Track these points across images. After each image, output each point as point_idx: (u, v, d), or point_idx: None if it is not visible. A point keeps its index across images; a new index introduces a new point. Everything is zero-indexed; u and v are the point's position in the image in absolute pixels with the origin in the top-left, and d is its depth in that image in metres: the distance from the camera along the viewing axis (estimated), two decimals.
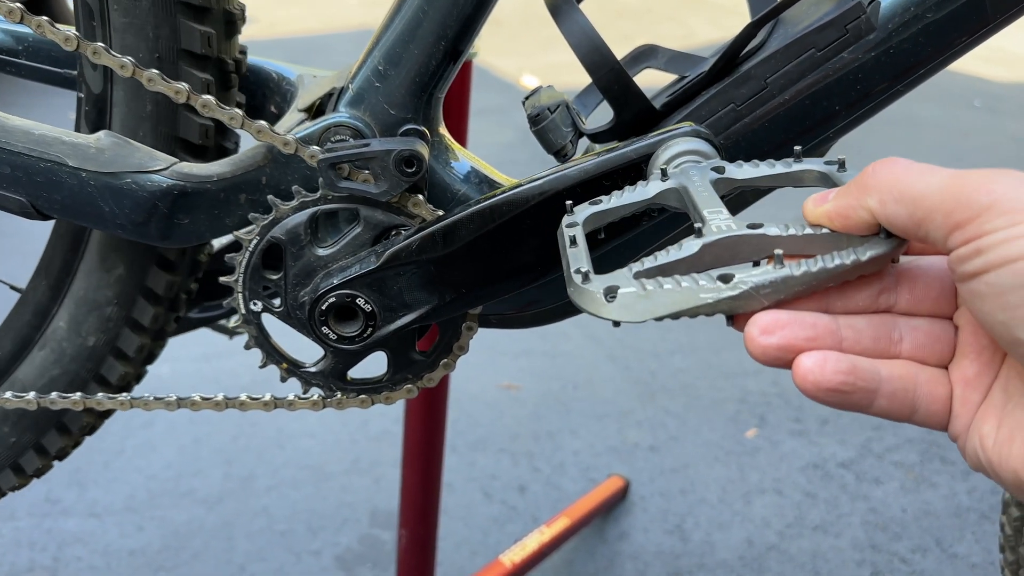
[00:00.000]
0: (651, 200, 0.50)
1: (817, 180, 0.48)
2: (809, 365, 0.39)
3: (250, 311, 0.61)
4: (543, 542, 1.45)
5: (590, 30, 0.56)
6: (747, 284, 0.40)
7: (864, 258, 0.40)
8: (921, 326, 0.43)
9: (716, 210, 0.45)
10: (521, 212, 0.55)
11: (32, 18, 0.55)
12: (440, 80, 0.60)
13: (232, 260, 0.60)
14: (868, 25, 0.54)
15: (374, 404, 0.66)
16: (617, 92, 0.57)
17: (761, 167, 0.49)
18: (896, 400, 0.41)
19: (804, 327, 0.40)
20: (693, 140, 0.53)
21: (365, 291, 0.58)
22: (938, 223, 0.37)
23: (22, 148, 0.58)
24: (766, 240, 0.42)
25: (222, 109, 0.57)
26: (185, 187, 0.59)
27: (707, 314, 0.41)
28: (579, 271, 0.44)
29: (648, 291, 0.41)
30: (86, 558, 1.46)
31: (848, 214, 0.41)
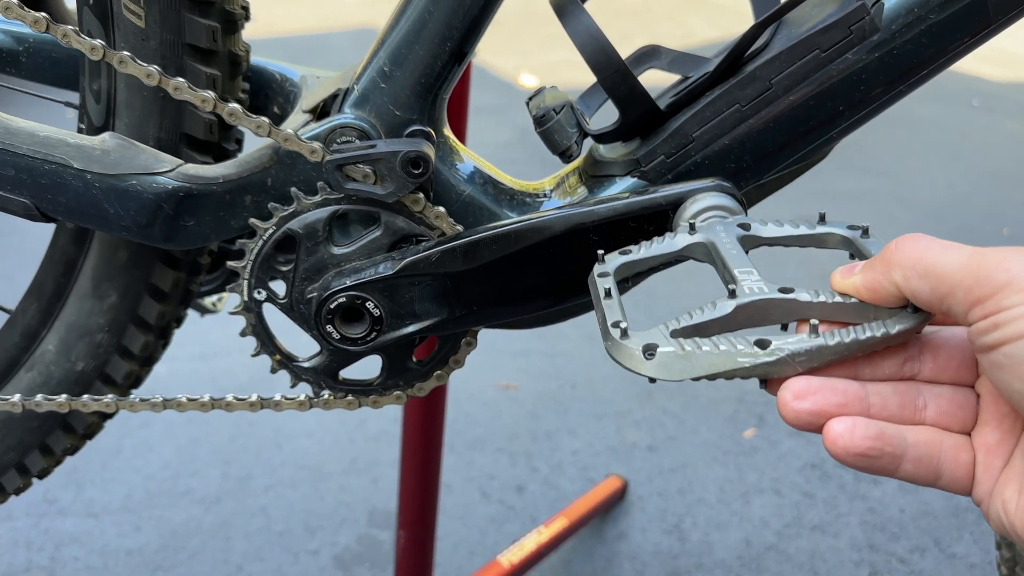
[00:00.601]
0: (679, 253, 0.52)
1: (840, 244, 0.50)
2: (839, 430, 0.42)
3: (253, 299, 0.61)
4: (541, 542, 1.45)
5: (595, 30, 0.56)
6: (783, 351, 0.42)
7: (893, 331, 0.42)
8: (944, 394, 0.45)
9: (747, 270, 0.46)
10: (545, 240, 0.56)
11: (58, 27, 0.55)
12: (445, 81, 0.60)
13: (244, 246, 0.60)
14: (872, 26, 0.55)
15: (361, 407, 0.66)
16: (622, 93, 0.57)
17: (785, 227, 0.51)
18: (921, 465, 0.43)
19: (835, 393, 0.42)
20: (720, 196, 0.55)
21: (376, 295, 0.58)
22: (959, 299, 0.40)
23: (26, 150, 0.58)
24: (797, 305, 0.44)
25: (248, 117, 0.56)
26: (190, 189, 0.59)
27: (743, 377, 0.43)
28: (617, 325, 0.45)
29: (686, 352, 0.43)
30: (83, 558, 1.45)
31: (875, 288, 0.43)
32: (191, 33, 0.60)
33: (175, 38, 0.60)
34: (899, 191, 2.93)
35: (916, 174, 3.08)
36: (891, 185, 2.97)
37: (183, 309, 0.76)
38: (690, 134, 0.58)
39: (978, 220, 2.74)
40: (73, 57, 0.72)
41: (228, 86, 0.65)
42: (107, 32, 0.60)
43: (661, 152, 0.58)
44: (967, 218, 2.75)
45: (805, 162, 0.61)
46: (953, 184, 3.00)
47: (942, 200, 2.88)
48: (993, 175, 3.10)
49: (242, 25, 0.65)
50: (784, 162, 0.59)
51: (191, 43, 0.60)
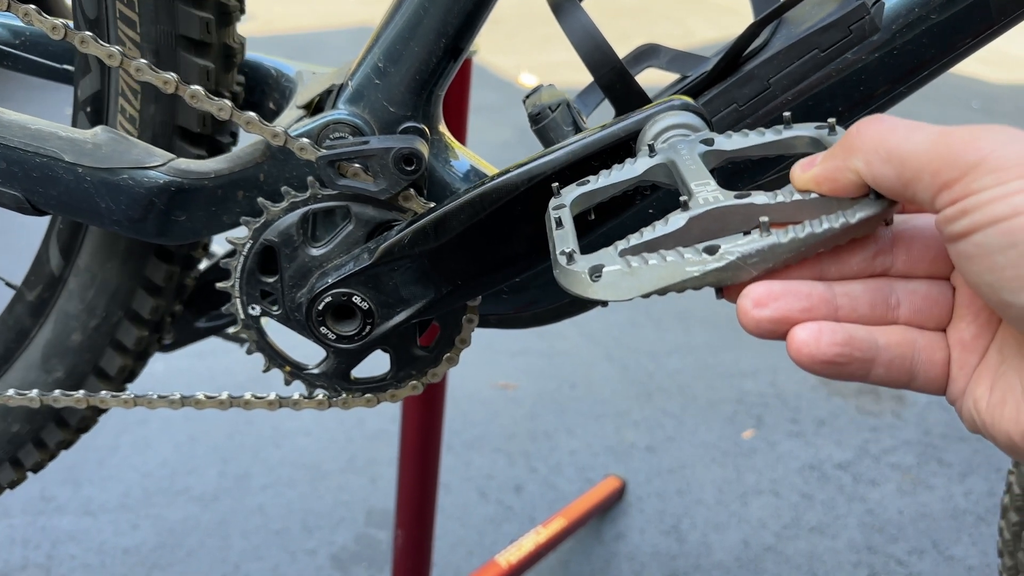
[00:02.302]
0: (640, 177, 0.48)
1: (809, 146, 0.46)
2: (804, 337, 0.38)
3: (249, 316, 0.61)
4: (539, 542, 1.45)
5: (592, 28, 0.56)
6: (733, 254, 0.39)
7: (853, 220, 0.39)
8: (919, 289, 0.41)
9: (704, 182, 0.43)
10: (511, 199, 0.54)
11: (76, 33, 0.54)
12: (440, 78, 0.59)
13: (227, 265, 0.59)
14: (872, 26, 0.54)
15: (380, 403, 0.65)
16: (619, 91, 0.57)
17: (751, 136, 0.47)
18: (894, 368, 0.40)
19: (798, 297, 0.39)
20: (681, 114, 0.51)
21: (361, 288, 0.57)
22: (925, 183, 0.36)
23: (18, 143, 0.58)
24: (754, 209, 0.41)
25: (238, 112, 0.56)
26: (182, 183, 0.58)
27: (695, 287, 0.40)
28: (563, 252, 0.43)
29: (633, 268, 0.40)
30: (80, 556, 1.45)
31: (835, 177, 0.40)
32: (184, 24, 0.60)
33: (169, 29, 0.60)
34: None
35: None
36: None
37: (177, 303, 0.76)
38: None
39: None
40: (69, 52, 0.72)
41: (221, 79, 0.64)
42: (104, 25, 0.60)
43: None
44: None
45: None
46: None
47: None
48: None
49: (237, 17, 0.65)
50: (782, 163, 0.59)
51: (184, 34, 0.60)
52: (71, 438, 0.80)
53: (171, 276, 0.73)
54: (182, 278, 0.76)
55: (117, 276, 0.71)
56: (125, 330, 0.74)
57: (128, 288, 0.72)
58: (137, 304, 0.73)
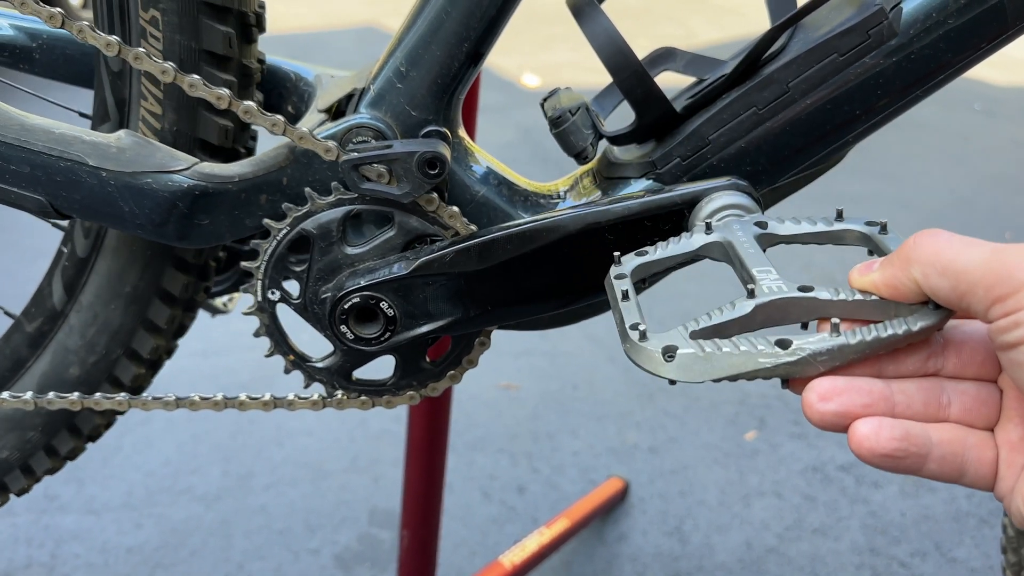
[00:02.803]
0: (695, 252, 0.51)
1: (858, 240, 0.50)
2: (865, 432, 0.41)
3: (267, 299, 0.61)
4: (542, 543, 1.45)
5: (613, 32, 0.56)
6: (805, 351, 0.42)
7: (915, 328, 0.42)
8: (968, 390, 0.44)
9: (765, 269, 0.46)
10: (559, 239, 0.56)
11: (101, 36, 0.55)
12: (461, 82, 0.60)
13: (258, 246, 0.60)
14: (890, 30, 0.55)
15: (374, 407, 0.65)
16: (639, 95, 0.57)
17: (803, 224, 0.50)
18: (946, 464, 0.43)
19: (860, 394, 0.42)
20: (737, 194, 0.54)
21: (390, 295, 0.58)
22: (979, 297, 0.39)
23: (42, 147, 0.58)
24: (817, 303, 0.44)
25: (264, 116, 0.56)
26: (206, 187, 0.58)
27: (764, 378, 0.43)
28: (635, 327, 0.45)
29: (707, 353, 0.42)
30: (84, 555, 1.45)
31: (895, 285, 0.43)
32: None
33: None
34: (901, 194, 2.93)
35: (918, 178, 3.08)
36: (893, 188, 2.97)
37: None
38: (706, 136, 0.58)
39: (979, 224, 2.75)
40: (87, 54, 0.72)
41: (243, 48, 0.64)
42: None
43: (677, 154, 0.58)
44: (968, 222, 2.76)
45: (820, 166, 0.61)
46: (954, 188, 3.01)
47: (943, 204, 2.89)
48: (994, 179, 3.10)
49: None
50: (800, 165, 0.59)
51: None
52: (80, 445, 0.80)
53: (173, 318, 0.75)
54: (184, 319, 0.77)
55: (120, 316, 0.72)
56: (123, 367, 0.75)
57: (130, 328, 0.73)
58: (137, 343, 0.74)
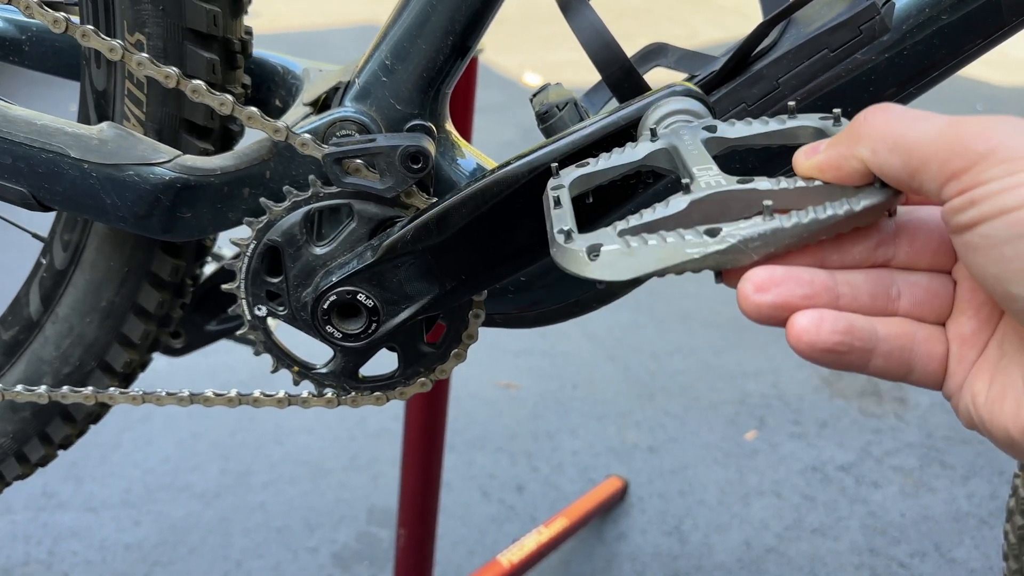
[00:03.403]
0: (641, 161, 0.48)
1: (813, 136, 0.46)
2: (805, 324, 0.38)
3: (255, 317, 0.61)
4: (541, 542, 1.44)
5: (600, 27, 0.56)
6: (735, 237, 0.39)
7: (858, 208, 0.39)
8: (920, 281, 0.41)
9: (706, 167, 0.43)
10: (512, 191, 0.53)
11: (76, 27, 0.55)
12: (447, 76, 0.59)
13: (232, 266, 0.59)
14: (882, 26, 0.54)
15: (389, 400, 0.65)
16: (627, 90, 0.57)
17: (754, 124, 0.47)
18: (893, 360, 0.40)
19: (800, 284, 0.39)
20: (683, 99, 0.50)
21: (365, 286, 0.57)
22: (933, 173, 0.36)
23: (24, 138, 0.57)
24: (757, 194, 0.41)
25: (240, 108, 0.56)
26: (188, 180, 0.58)
27: (694, 270, 0.39)
28: (561, 230, 0.42)
29: (632, 248, 0.40)
30: (82, 552, 1.45)
31: (840, 164, 0.39)
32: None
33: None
34: None
35: None
36: None
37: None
38: None
39: None
40: (76, 47, 0.72)
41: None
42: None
43: None
44: None
45: None
46: None
47: None
48: None
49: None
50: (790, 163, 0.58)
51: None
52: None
53: (148, 334, 0.74)
54: (159, 335, 0.76)
55: (95, 330, 0.72)
56: (96, 379, 0.75)
57: (104, 342, 0.73)
58: (111, 357, 0.74)
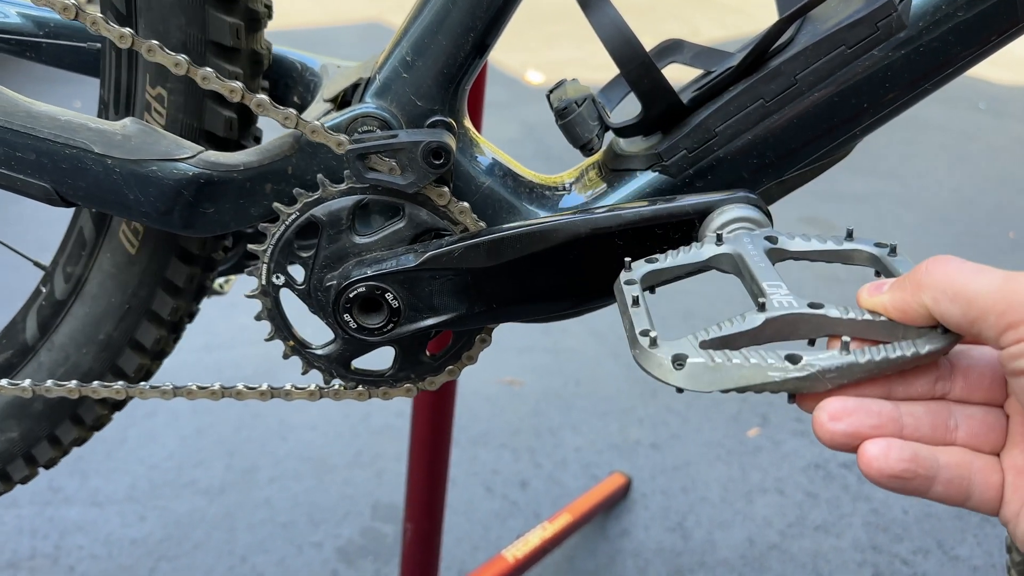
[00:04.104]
0: (705, 263, 0.52)
1: (867, 261, 0.50)
2: (875, 453, 0.42)
3: (271, 283, 0.61)
4: (545, 538, 1.45)
5: (620, 23, 0.56)
6: (815, 367, 0.42)
7: (923, 352, 0.43)
8: (975, 414, 0.45)
9: (775, 284, 0.47)
10: (569, 241, 0.56)
11: (115, 28, 0.55)
12: (467, 72, 0.60)
13: (266, 229, 0.59)
14: (899, 23, 0.54)
15: (371, 398, 0.65)
16: (646, 86, 0.57)
17: (813, 242, 0.51)
18: (952, 487, 0.43)
19: (870, 414, 0.43)
20: (748, 208, 0.55)
21: (396, 287, 0.58)
22: (991, 323, 0.40)
23: (48, 134, 0.58)
24: (826, 321, 0.44)
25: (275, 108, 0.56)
26: (211, 176, 0.58)
27: (772, 391, 0.43)
28: (645, 333, 0.45)
29: (716, 364, 0.43)
30: (88, 547, 1.45)
31: (904, 308, 0.43)
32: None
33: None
34: (904, 193, 2.92)
35: (921, 177, 3.07)
36: (896, 187, 2.97)
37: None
38: (713, 129, 0.58)
39: (983, 223, 2.74)
40: (94, 44, 0.72)
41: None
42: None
43: (683, 147, 0.58)
44: (972, 221, 2.75)
45: (827, 159, 0.60)
46: (959, 187, 3.00)
47: (947, 203, 2.88)
48: (999, 179, 3.09)
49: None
50: (807, 159, 0.59)
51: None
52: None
53: (142, 367, 0.75)
54: (152, 368, 0.78)
55: (91, 362, 0.73)
56: (87, 408, 0.76)
57: (98, 374, 0.74)
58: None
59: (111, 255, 0.69)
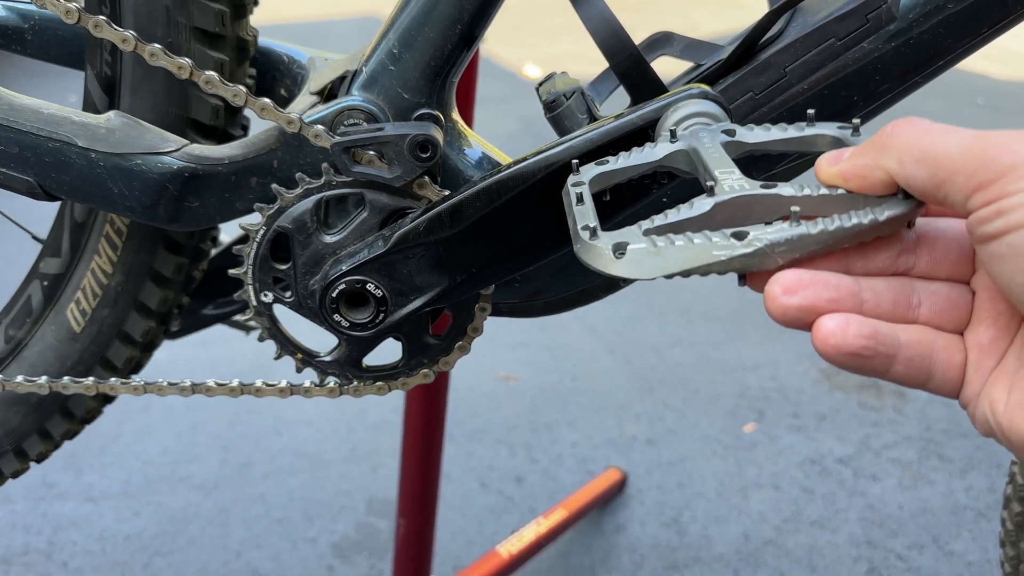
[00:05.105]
0: (659, 162, 0.48)
1: (830, 145, 0.46)
2: (831, 328, 0.39)
3: (261, 303, 0.61)
4: (540, 533, 1.45)
5: (609, 15, 0.56)
6: (762, 241, 0.39)
7: (882, 218, 0.39)
8: (939, 290, 0.42)
9: (728, 170, 0.44)
10: (527, 186, 0.53)
11: (118, 32, 0.55)
12: (455, 65, 0.59)
13: (240, 252, 0.59)
14: (889, 15, 0.54)
15: (391, 391, 0.65)
16: (634, 78, 0.57)
17: (773, 131, 0.48)
18: (913, 366, 0.41)
19: (827, 288, 0.39)
20: (703, 102, 0.51)
21: (375, 276, 0.57)
22: (959, 184, 0.37)
23: (31, 127, 0.57)
24: (781, 200, 0.41)
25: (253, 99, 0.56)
26: (196, 169, 0.58)
27: (719, 272, 0.40)
28: (586, 227, 0.43)
29: (659, 247, 0.40)
30: (81, 542, 1.45)
31: (865, 174, 0.40)
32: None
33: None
34: None
35: None
36: None
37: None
38: None
39: None
40: (79, 36, 0.71)
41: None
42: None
43: None
44: None
45: None
46: None
47: None
48: None
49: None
50: (793, 155, 0.58)
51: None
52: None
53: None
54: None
55: (20, 420, 0.75)
56: (7, 462, 0.76)
57: (24, 432, 0.75)
58: (28, 445, 0.76)
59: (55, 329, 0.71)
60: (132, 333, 0.72)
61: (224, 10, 0.61)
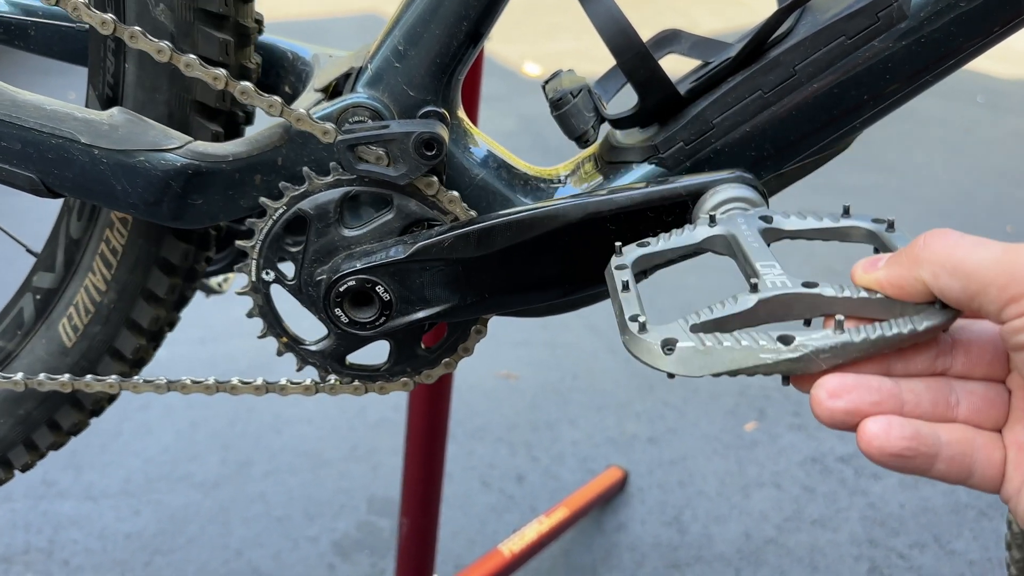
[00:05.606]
0: (698, 245, 0.50)
1: (864, 238, 0.49)
2: (875, 431, 0.41)
3: (261, 280, 0.60)
4: (541, 532, 1.44)
5: (617, 12, 0.55)
6: (808, 347, 0.41)
7: (921, 328, 0.42)
8: (976, 390, 0.44)
9: (769, 264, 0.46)
10: (561, 227, 0.55)
11: (92, 13, 0.54)
12: (460, 62, 0.59)
13: (253, 225, 0.59)
14: (900, 13, 0.53)
15: (367, 392, 0.65)
16: (642, 77, 0.56)
17: (808, 220, 0.50)
18: (955, 464, 0.42)
19: (870, 391, 0.42)
20: (742, 187, 0.53)
21: (387, 280, 0.57)
22: (992, 296, 0.39)
23: (33, 124, 0.57)
24: (821, 300, 0.43)
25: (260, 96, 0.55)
26: (199, 166, 0.57)
27: (765, 373, 0.42)
28: (635, 318, 0.44)
29: (707, 347, 0.42)
30: (82, 541, 1.45)
31: (902, 284, 0.42)
32: None
33: None
34: (902, 187, 2.92)
35: (920, 170, 3.06)
36: (894, 181, 2.96)
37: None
38: (710, 120, 0.57)
39: (982, 217, 2.73)
40: (83, 32, 0.71)
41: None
42: None
43: (680, 138, 0.57)
44: (970, 215, 2.74)
45: (827, 152, 0.60)
46: (957, 180, 2.99)
47: (945, 196, 2.87)
48: (997, 172, 3.09)
49: None
50: (806, 151, 0.58)
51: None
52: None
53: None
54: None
55: (6, 431, 0.75)
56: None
57: (10, 442, 0.75)
58: (13, 455, 0.77)
59: (46, 342, 0.71)
60: (123, 350, 0.72)
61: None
